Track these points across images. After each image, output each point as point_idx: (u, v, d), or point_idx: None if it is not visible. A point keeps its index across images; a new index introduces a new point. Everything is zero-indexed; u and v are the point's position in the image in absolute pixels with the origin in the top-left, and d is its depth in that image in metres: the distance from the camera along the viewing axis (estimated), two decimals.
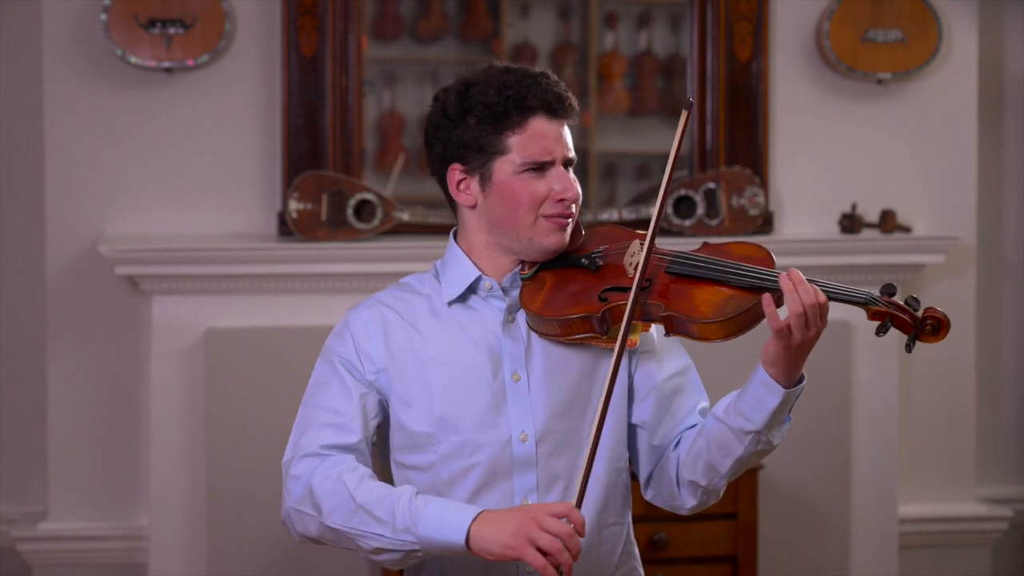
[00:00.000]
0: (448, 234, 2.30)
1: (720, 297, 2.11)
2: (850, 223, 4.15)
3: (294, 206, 3.92)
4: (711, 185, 4.08)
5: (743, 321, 2.10)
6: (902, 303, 2.11)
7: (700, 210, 4.08)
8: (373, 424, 2.20)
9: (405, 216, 4.00)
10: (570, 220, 2.21)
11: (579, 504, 2.04)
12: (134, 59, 3.92)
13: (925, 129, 4.26)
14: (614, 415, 2.21)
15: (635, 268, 2.15)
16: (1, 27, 4.10)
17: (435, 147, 2.23)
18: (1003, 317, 4.52)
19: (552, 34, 4.31)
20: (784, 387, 2.10)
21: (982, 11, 4.32)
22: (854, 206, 4.16)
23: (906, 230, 4.18)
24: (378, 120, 4.22)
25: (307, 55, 3.98)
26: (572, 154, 2.22)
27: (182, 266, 3.90)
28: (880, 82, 4.19)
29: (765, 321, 2.11)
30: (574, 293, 2.18)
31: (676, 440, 2.25)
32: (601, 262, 2.21)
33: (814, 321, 2.06)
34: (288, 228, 3.95)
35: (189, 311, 3.94)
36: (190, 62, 3.95)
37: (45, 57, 3.97)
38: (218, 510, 3.94)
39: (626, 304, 2.11)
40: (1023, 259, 4.53)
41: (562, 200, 2.18)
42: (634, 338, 2.20)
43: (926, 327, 2.11)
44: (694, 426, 2.25)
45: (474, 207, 2.22)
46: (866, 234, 4.17)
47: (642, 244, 2.16)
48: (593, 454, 2.05)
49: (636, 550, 2.32)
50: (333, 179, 3.95)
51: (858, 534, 4.19)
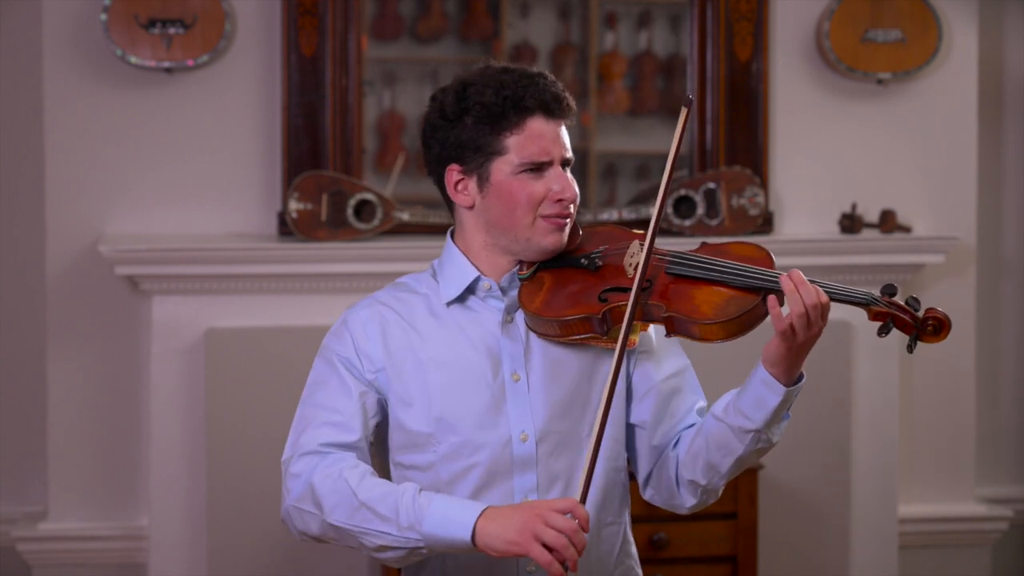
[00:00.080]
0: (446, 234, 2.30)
1: (721, 298, 2.12)
2: (850, 223, 4.15)
3: (294, 206, 3.92)
4: (711, 185, 4.08)
5: (744, 322, 2.10)
6: (903, 303, 2.12)
7: (700, 210, 4.08)
8: (372, 423, 2.20)
9: (405, 216, 4.00)
10: (568, 220, 2.21)
11: (583, 500, 2.04)
12: (134, 59, 3.91)
13: (925, 129, 4.26)
14: (613, 415, 2.21)
15: (635, 269, 2.15)
16: (1, 27, 4.10)
17: (432, 147, 2.23)
18: (1003, 317, 4.52)
19: (552, 34, 4.31)
20: (785, 385, 2.11)
21: (982, 11, 4.32)
22: (854, 206, 4.15)
23: (906, 230, 4.18)
24: (378, 120, 4.22)
25: (307, 55, 3.98)
26: (570, 154, 2.21)
27: (182, 266, 3.90)
28: (880, 82, 4.19)
29: (763, 321, 2.12)
30: (574, 293, 2.18)
31: (675, 440, 2.26)
32: (600, 262, 2.21)
33: (816, 321, 2.07)
34: (288, 228, 3.95)
35: (189, 311, 3.94)
36: (190, 62, 3.95)
37: (45, 57, 3.97)
38: (218, 510, 3.94)
39: (627, 305, 2.11)
40: (1023, 259, 4.53)
41: (560, 200, 2.18)
42: (633, 338, 2.20)
43: (927, 327, 2.11)
44: (692, 426, 2.25)
45: (472, 208, 2.21)
46: (866, 234, 4.17)
47: (642, 244, 2.16)
48: (596, 450, 2.05)
49: (633, 550, 2.32)
50: (333, 179, 3.94)
51: (858, 534, 4.19)
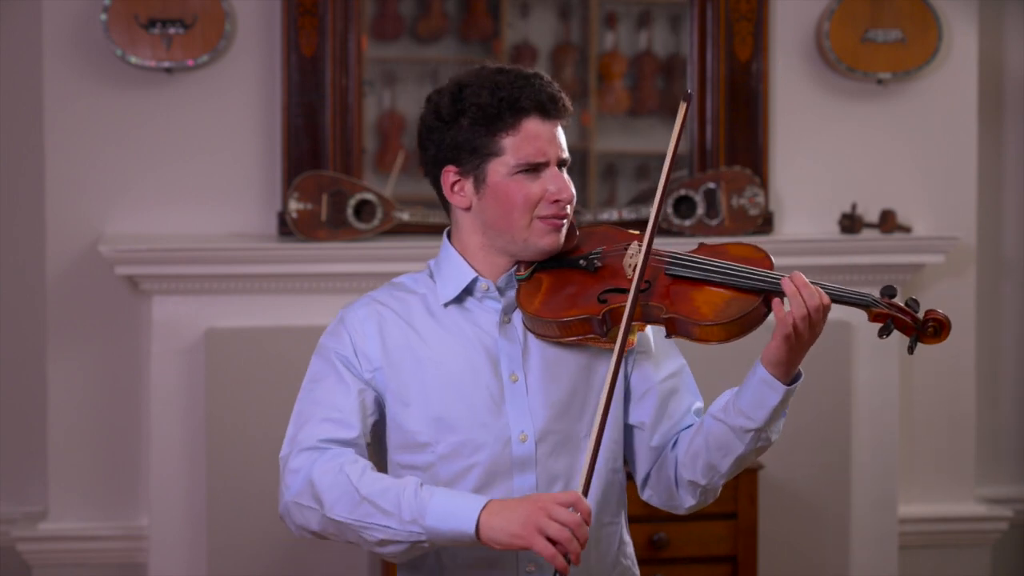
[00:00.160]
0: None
1: (722, 299, 2.12)
2: (850, 223, 4.15)
3: (294, 206, 3.92)
4: (711, 185, 4.08)
5: (745, 323, 2.11)
6: (903, 305, 2.12)
7: (700, 210, 4.08)
8: (370, 421, 2.19)
9: (405, 216, 4.00)
10: (565, 221, 2.20)
11: (585, 493, 2.04)
12: (134, 59, 3.91)
13: (925, 129, 4.26)
14: (611, 414, 2.20)
15: (635, 269, 2.15)
16: (1, 27, 4.10)
17: (428, 149, 2.22)
18: (1003, 317, 4.52)
19: (552, 34, 4.31)
20: (784, 384, 2.12)
21: (982, 11, 4.32)
22: (854, 206, 4.15)
23: (906, 230, 4.18)
24: (378, 120, 4.22)
25: (307, 55, 3.98)
26: (566, 154, 2.21)
27: (182, 266, 3.90)
28: (880, 82, 4.19)
29: (762, 323, 2.13)
30: (572, 294, 2.18)
31: (673, 440, 2.26)
32: (599, 263, 2.21)
33: (818, 322, 2.09)
34: (288, 228, 3.95)
35: (189, 311, 3.94)
36: (190, 62, 3.94)
37: (45, 57, 3.97)
38: (218, 510, 3.94)
39: (626, 306, 2.11)
40: (1023, 259, 4.53)
41: (557, 201, 2.18)
42: (632, 338, 2.20)
43: (928, 329, 2.12)
44: (690, 426, 2.25)
45: (468, 209, 2.21)
46: (866, 234, 4.16)
47: (640, 245, 2.16)
48: (598, 443, 2.05)
49: (630, 550, 2.32)
50: (333, 179, 3.94)
51: (858, 534, 4.19)
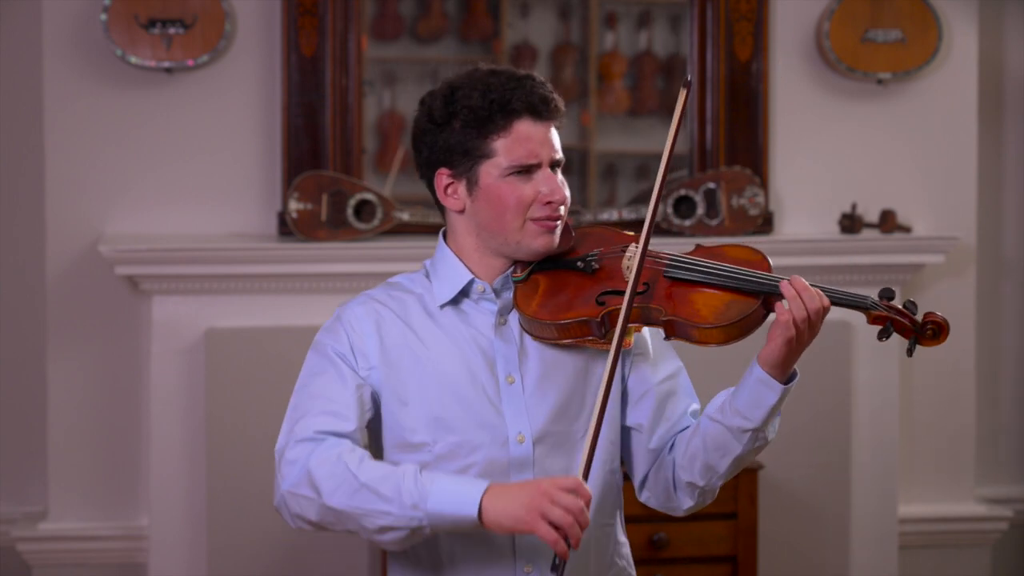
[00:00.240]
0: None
1: (722, 302, 2.12)
2: (850, 223, 4.15)
3: (294, 206, 3.92)
4: (711, 185, 4.08)
5: (744, 326, 2.11)
6: (901, 307, 2.13)
7: (700, 210, 4.08)
8: (367, 417, 2.18)
9: (405, 216, 4.00)
10: (559, 222, 2.20)
11: (585, 478, 2.03)
12: (134, 59, 3.91)
13: (925, 129, 4.25)
14: (608, 416, 2.21)
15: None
16: (1, 27, 4.10)
17: (422, 151, 2.22)
18: (1003, 317, 4.52)
19: (552, 34, 4.31)
20: (782, 383, 2.12)
21: (982, 11, 4.32)
22: (854, 206, 4.15)
23: (906, 230, 4.18)
24: (378, 120, 4.22)
25: (307, 55, 3.98)
26: (559, 155, 2.20)
27: (182, 266, 3.90)
28: (880, 82, 4.19)
29: (761, 325, 2.13)
30: (570, 296, 2.18)
31: (671, 443, 2.26)
32: (597, 265, 2.20)
33: (817, 324, 2.10)
34: (288, 228, 3.95)
35: (189, 311, 3.94)
36: (190, 62, 3.94)
37: (45, 57, 3.97)
38: (218, 510, 3.94)
39: (627, 307, 2.11)
40: (1023, 259, 4.53)
41: (550, 203, 2.17)
42: (628, 339, 2.20)
43: (927, 331, 2.12)
44: (687, 428, 2.25)
45: (462, 212, 2.21)
46: (866, 234, 4.16)
47: (638, 247, 2.16)
48: (598, 429, 2.04)
49: (626, 550, 2.31)
50: (333, 179, 3.94)
51: (858, 534, 4.19)
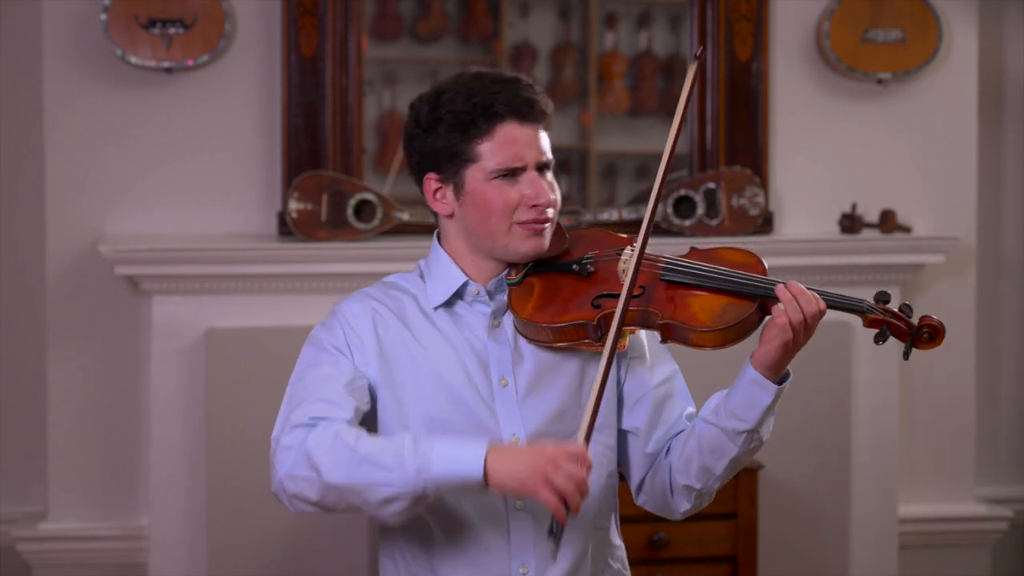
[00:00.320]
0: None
1: (718, 305, 2.12)
2: (850, 223, 4.14)
3: (294, 206, 3.92)
4: (711, 185, 4.08)
5: (741, 329, 2.11)
6: (897, 311, 2.13)
7: (700, 210, 4.08)
8: (363, 409, 2.17)
9: (405, 216, 4.00)
10: (547, 225, 2.19)
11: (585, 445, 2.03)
12: (134, 59, 3.91)
13: (925, 129, 4.25)
14: (605, 417, 2.21)
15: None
16: (1, 27, 4.10)
17: (412, 156, 2.23)
18: (1003, 317, 4.52)
19: (552, 34, 4.31)
20: (775, 384, 2.12)
21: (982, 11, 4.32)
22: (854, 206, 4.15)
23: (906, 230, 4.17)
24: (378, 120, 4.22)
25: (307, 55, 3.98)
26: (546, 158, 2.19)
27: (182, 266, 3.90)
28: (880, 82, 4.18)
29: (757, 328, 2.13)
30: (566, 299, 2.17)
31: (667, 447, 2.25)
32: (592, 268, 2.20)
33: (812, 326, 2.10)
34: (288, 228, 3.95)
35: (189, 311, 3.94)
36: (190, 62, 3.95)
37: (45, 57, 3.97)
38: (218, 510, 3.94)
39: (620, 311, 2.10)
40: (1023, 259, 4.53)
41: (535, 206, 2.16)
42: (623, 341, 2.20)
43: (923, 335, 2.13)
44: (682, 431, 2.25)
45: (451, 216, 2.21)
46: (866, 234, 4.16)
47: (634, 249, 2.16)
48: (599, 398, 2.03)
49: (621, 553, 2.31)
50: (333, 179, 3.95)
51: (858, 534, 4.19)
